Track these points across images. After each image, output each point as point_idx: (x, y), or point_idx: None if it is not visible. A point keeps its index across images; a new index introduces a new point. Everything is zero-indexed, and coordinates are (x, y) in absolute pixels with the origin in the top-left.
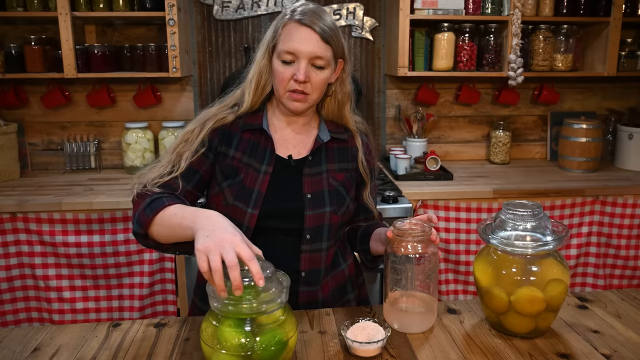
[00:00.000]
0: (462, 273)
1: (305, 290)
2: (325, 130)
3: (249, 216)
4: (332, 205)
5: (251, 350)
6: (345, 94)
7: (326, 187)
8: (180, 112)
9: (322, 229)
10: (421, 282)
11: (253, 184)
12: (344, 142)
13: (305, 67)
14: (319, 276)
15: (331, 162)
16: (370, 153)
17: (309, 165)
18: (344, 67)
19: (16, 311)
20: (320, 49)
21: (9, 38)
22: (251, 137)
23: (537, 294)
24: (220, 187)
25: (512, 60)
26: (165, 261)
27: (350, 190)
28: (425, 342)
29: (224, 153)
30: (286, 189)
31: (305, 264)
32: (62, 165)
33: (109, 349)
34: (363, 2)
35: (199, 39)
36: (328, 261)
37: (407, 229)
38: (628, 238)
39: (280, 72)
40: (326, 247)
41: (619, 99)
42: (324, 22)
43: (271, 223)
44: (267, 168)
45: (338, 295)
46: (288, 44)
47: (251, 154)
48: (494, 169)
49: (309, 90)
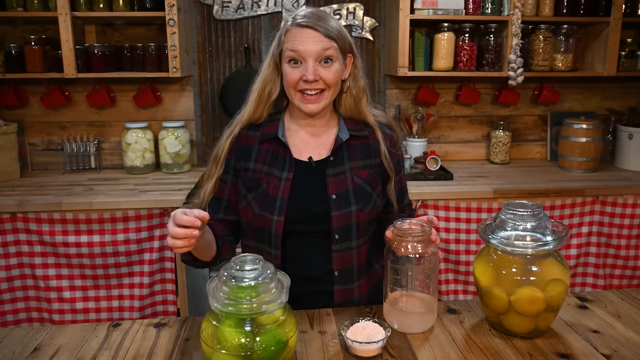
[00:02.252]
0: (462, 273)
1: (340, 289)
2: (344, 129)
3: (275, 223)
4: (358, 203)
5: (251, 350)
6: (359, 88)
7: (351, 185)
8: (180, 112)
9: (350, 228)
10: (421, 282)
11: (276, 192)
12: (365, 138)
13: (313, 65)
14: (352, 275)
15: (354, 160)
16: (395, 145)
17: (331, 165)
18: (354, 62)
19: (16, 311)
20: (324, 44)
21: (9, 38)
22: (270, 147)
23: (537, 294)
24: (247, 200)
25: (512, 60)
26: (165, 261)
27: (376, 186)
28: (425, 342)
29: (244, 168)
30: (310, 192)
31: (337, 264)
32: (62, 165)
33: (109, 349)
34: (363, 2)
35: (199, 39)
36: (360, 259)
37: (407, 229)
38: (628, 238)
39: (290, 74)
40: (356, 245)
41: (619, 99)
42: (325, 22)
43: (299, 227)
44: (287, 174)
45: (374, 295)
46: (292, 44)
47: (271, 163)
48: (494, 169)
49: (322, 85)
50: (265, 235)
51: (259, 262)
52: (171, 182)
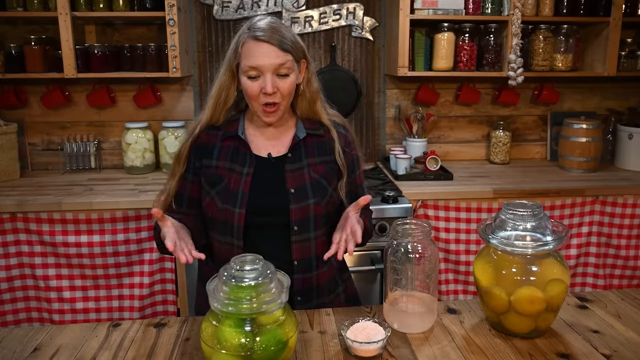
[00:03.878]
0: (462, 273)
1: (299, 277)
2: (301, 127)
3: (237, 216)
4: (316, 197)
5: (251, 350)
6: (313, 92)
7: (308, 180)
8: (180, 112)
9: (308, 220)
10: (421, 282)
11: (237, 187)
12: (321, 137)
13: (271, 78)
14: (311, 264)
15: (311, 157)
16: (349, 145)
17: (290, 161)
18: (307, 67)
19: (16, 311)
20: (280, 59)
21: (9, 38)
22: (231, 144)
23: (537, 294)
24: (210, 195)
25: (512, 60)
26: (165, 261)
27: (332, 181)
28: (425, 342)
29: (206, 165)
30: (270, 187)
31: (297, 253)
32: (62, 165)
33: (109, 349)
34: (363, 2)
35: (199, 39)
36: (319, 250)
37: (407, 229)
38: (628, 238)
39: (249, 87)
40: (314, 236)
41: (619, 99)
42: (279, 34)
43: (259, 219)
44: (248, 169)
45: (332, 286)
46: (249, 60)
47: (232, 159)
48: (494, 169)
49: (278, 99)
50: (228, 227)
51: (259, 262)
52: None
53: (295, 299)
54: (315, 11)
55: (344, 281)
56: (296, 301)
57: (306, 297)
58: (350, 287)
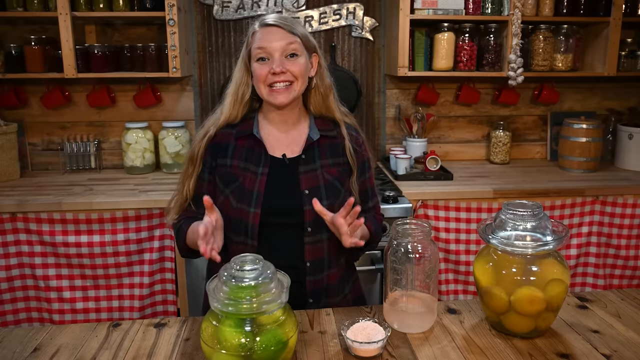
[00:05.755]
0: (462, 273)
1: (311, 279)
2: (315, 128)
3: (252, 215)
4: (329, 198)
5: (251, 350)
6: (326, 86)
7: (322, 182)
8: (180, 112)
9: (321, 222)
10: (421, 282)
11: (252, 186)
12: (334, 138)
13: (279, 58)
14: (323, 265)
15: (324, 158)
16: (361, 146)
17: (303, 163)
18: (319, 62)
19: (16, 311)
20: (288, 38)
21: (9, 38)
22: (246, 144)
23: (537, 294)
24: (224, 194)
25: (512, 60)
26: (165, 261)
27: (344, 183)
28: (425, 342)
29: (221, 164)
30: (284, 187)
31: (309, 255)
32: (62, 165)
33: (109, 349)
34: (363, 2)
35: (199, 39)
36: (331, 251)
37: (407, 229)
38: (628, 238)
39: (258, 69)
40: (327, 237)
41: (619, 99)
42: (290, 22)
43: (274, 219)
44: (263, 169)
45: (341, 287)
46: (258, 43)
47: (247, 158)
48: (494, 169)
49: (291, 77)
50: (242, 226)
51: (259, 262)
52: (171, 182)
53: (307, 300)
54: (315, 11)
55: (352, 282)
56: (308, 303)
57: (317, 297)
58: (357, 288)
